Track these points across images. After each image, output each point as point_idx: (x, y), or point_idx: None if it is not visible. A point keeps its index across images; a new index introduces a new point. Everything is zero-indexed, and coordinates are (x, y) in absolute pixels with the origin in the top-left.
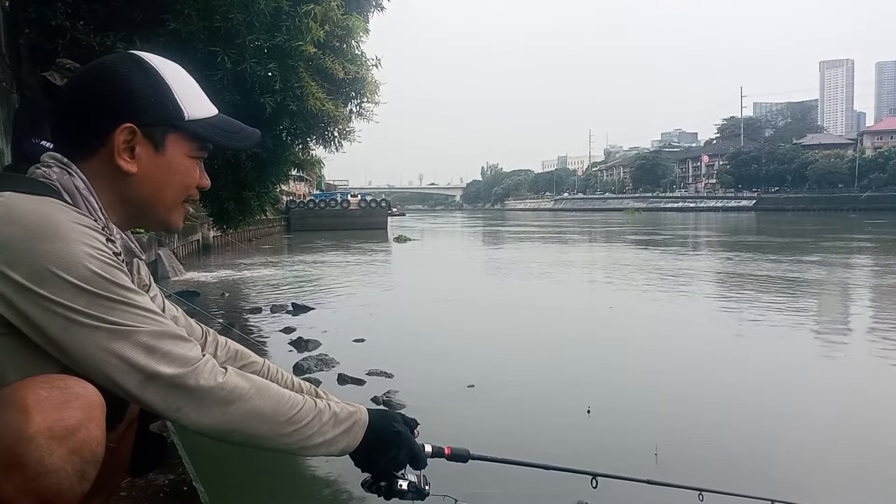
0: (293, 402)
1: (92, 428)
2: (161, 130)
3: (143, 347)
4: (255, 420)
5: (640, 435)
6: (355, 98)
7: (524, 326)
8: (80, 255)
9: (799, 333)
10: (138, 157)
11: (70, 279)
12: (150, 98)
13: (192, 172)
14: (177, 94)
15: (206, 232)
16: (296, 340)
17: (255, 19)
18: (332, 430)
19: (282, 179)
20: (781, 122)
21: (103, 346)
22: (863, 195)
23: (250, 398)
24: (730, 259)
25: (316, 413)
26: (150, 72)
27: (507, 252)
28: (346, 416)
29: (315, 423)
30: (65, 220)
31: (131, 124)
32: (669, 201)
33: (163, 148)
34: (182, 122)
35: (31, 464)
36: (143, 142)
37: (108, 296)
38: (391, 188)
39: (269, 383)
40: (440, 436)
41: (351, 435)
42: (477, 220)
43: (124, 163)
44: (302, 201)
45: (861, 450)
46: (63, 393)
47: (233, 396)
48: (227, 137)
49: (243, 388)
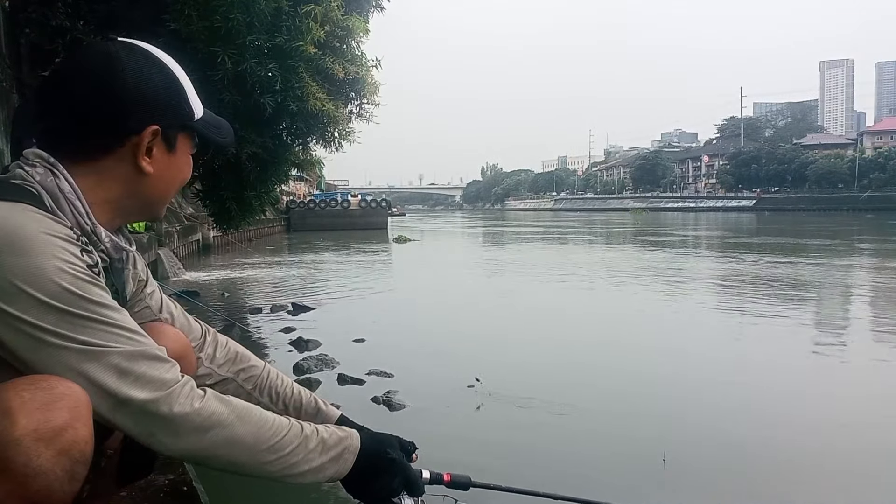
0: (276, 428)
1: (79, 427)
2: (174, 131)
3: (115, 369)
4: (233, 447)
5: (647, 437)
6: (355, 99)
7: (525, 327)
8: (49, 270)
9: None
10: (154, 158)
11: (38, 295)
12: (170, 99)
13: (190, 168)
14: (187, 92)
15: (206, 232)
16: (296, 340)
17: (256, 19)
18: (319, 458)
19: (282, 179)
20: (781, 122)
21: (73, 366)
22: (863, 195)
23: (229, 424)
24: (759, 261)
25: (302, 439)
26: (163, 69)
27: (509, 253)
28: (335, 443)
29: (300, 451)
30: (35, 230)
31: (157, 126)
32: (669, 201)
33: (174, 148)
34: (192, 122)
35: (18, 467)
36: (160, 143)
37: (79, 313)
38: (391, 188)
39: (251, 408)
40: (441, 435)
41: (340, 462)
42: (477, 221)
43: (145, 163)
44: (302, 201)
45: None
46: (48, 393)
47: (209, 423)
48: (218, 133)
49: (222, 413)
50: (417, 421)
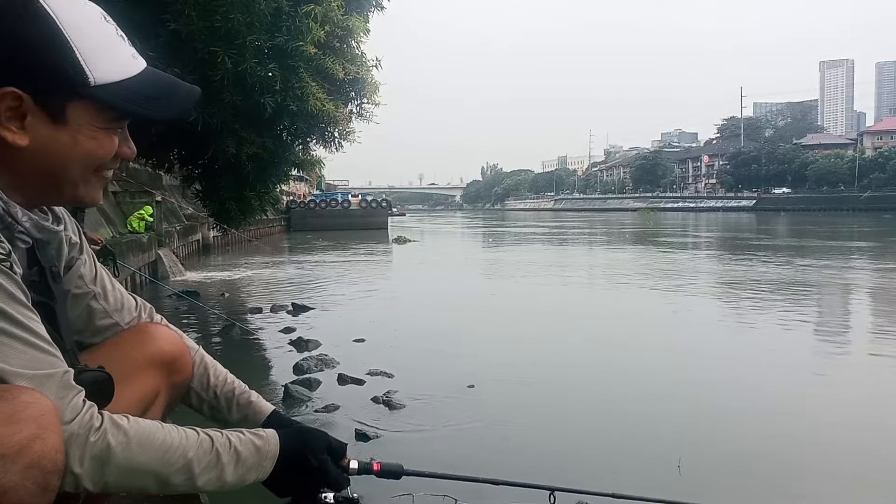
0: (184, 447)
1: (48, 437)
2: (59, 98)
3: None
4: (136, 476)
5: (654, 440)
6: (355, 98)
7: (526, 328)
8: None
9: None
10: (30, 128)
11: None
12: (42, 58)
13: (105, 146)
14: (80, 52)
15: (206, 232)
16: (296, 340)
17: (256, 19)
18: (235, 470)
19: (282, 179)
20: (781, 122)
21: None
22: (863, 195)
23: (130, 454)
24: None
25: (212, 456)
26: (44, 22)
27: (511, 254)
28: (250, 453)
29: (211, 468)
30: None
31: (14, 89)
32: (669, 201)
33: (63, 119)
34: (86, 90)
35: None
36: (35, 110)
37: None
38: (391, 188)
39: (154, 430)
40: (441, 435)
41: (259, 470)
42: (478, 221)
43: (10, 133)
44: (302, 201)
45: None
46: (9, 404)
47: (105, 456)
48: (149, 105)
49: (120, 444)
50: (417, 421)
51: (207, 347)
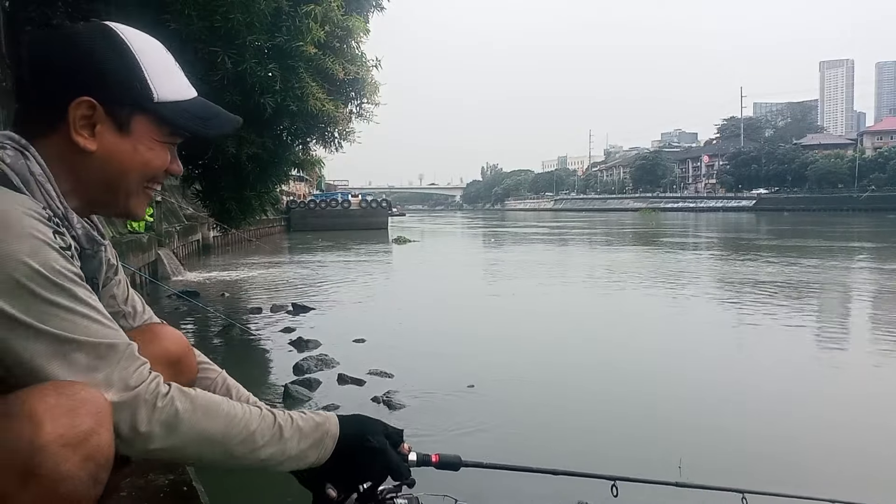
0: (247, 419)
1: (103, 433)
2: (126, 111)
3: (83, 367)
4: (202, 445)
5: (655, 440)
6: (355, 98)
7: (526, 328)
8: (23, 251)
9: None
10: (99, 136)
11: (15, 277)
12: (116, 74)
13: (161, 158)
14: (147, 72)
15: (206, 232)
16: (296, 340)
17: (256, 20)
18: (297, 446)
19: (282, 179)
20: (781, 122)
21: (42, 359)
22: (862, 195)
23: (196, 422)
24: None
25: (275, 430)
26: (118, 45)
27: (512, 255)
28: (311, 429)
29: (274, 441)
30: (7, 210)
31: (90, 99)
32: (669, 201)
33: (128, 130)
34: (150, 104)
35: (47, 472)
36: (105, 119)
37: (53, 300)
38: (391, 188)
39: (218, 402)
40: (441, 436)
41: (321, 448)
42: (478, 221)
43: (82, 139)
44: (302, 201)
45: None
46: (71, 399)
47: (175, 421)
48: (200, 124)
49: (187, 410)
50: (417, 421)
51: (207, 347)
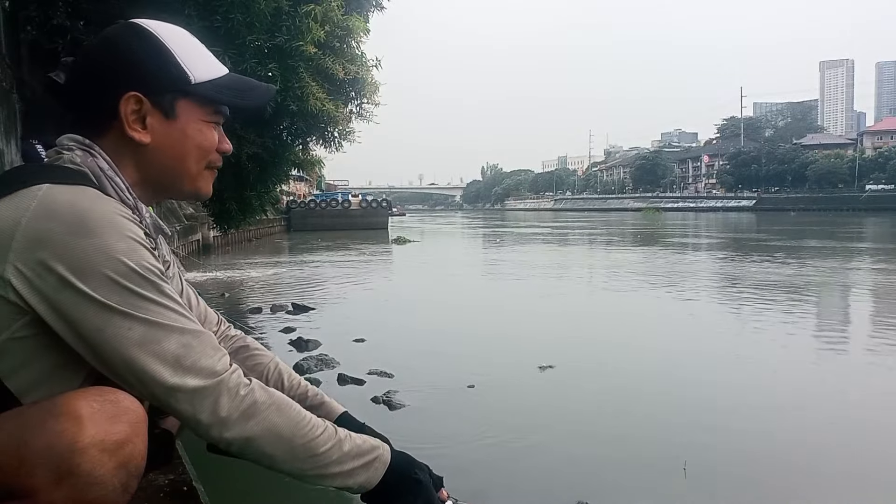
0: (314, 424)
1: (138, 443)
2: (169, 97)
3: (172, 355)
4: (271, 438)
5: (659, 443)
6: (355, 98)
7: (526, 328)
8: (119, 250)
9: None
10: (150, 127)
11: (108, 274)
12: (153, 65)
13: (209, 138)
14: (179, 57)
15: (206, 232)
16: (296, 340)
17: (256, 19)
18: (351, 462)
19: (282, 179)
20: (781, 122)
21: (135, 347)
22: (862, 195)
23: (270, 415)
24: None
25: (336, 441)
26: (149, 38)
27: (512, 255)
28: (367, 450)
29: (334, 451)
30: (103, 211)
31: (136, 93)
32: (669, 201)
33: (174, 115)
34: (189, 87)
35: (82, 474)
36: (152, 111)
37: (145, 294)
38: (391, 188)
39: (290, 402)
40: (440, 436)
41: (371, 471)
42: (478, 221)
43: (136, 133)
44: (302, 201)
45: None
46: (114, 406)
47: (252, 411)
48: (238, 96)
49: (264, 402)
50: (417, 421)
51: None
